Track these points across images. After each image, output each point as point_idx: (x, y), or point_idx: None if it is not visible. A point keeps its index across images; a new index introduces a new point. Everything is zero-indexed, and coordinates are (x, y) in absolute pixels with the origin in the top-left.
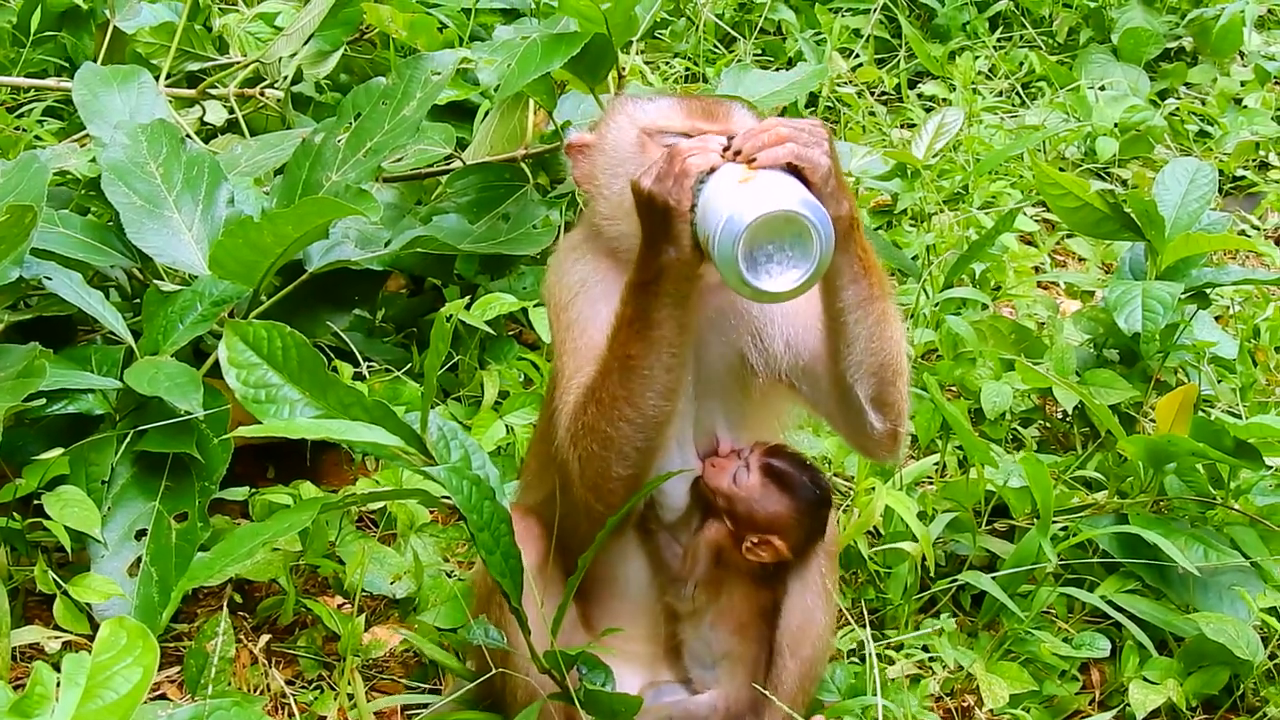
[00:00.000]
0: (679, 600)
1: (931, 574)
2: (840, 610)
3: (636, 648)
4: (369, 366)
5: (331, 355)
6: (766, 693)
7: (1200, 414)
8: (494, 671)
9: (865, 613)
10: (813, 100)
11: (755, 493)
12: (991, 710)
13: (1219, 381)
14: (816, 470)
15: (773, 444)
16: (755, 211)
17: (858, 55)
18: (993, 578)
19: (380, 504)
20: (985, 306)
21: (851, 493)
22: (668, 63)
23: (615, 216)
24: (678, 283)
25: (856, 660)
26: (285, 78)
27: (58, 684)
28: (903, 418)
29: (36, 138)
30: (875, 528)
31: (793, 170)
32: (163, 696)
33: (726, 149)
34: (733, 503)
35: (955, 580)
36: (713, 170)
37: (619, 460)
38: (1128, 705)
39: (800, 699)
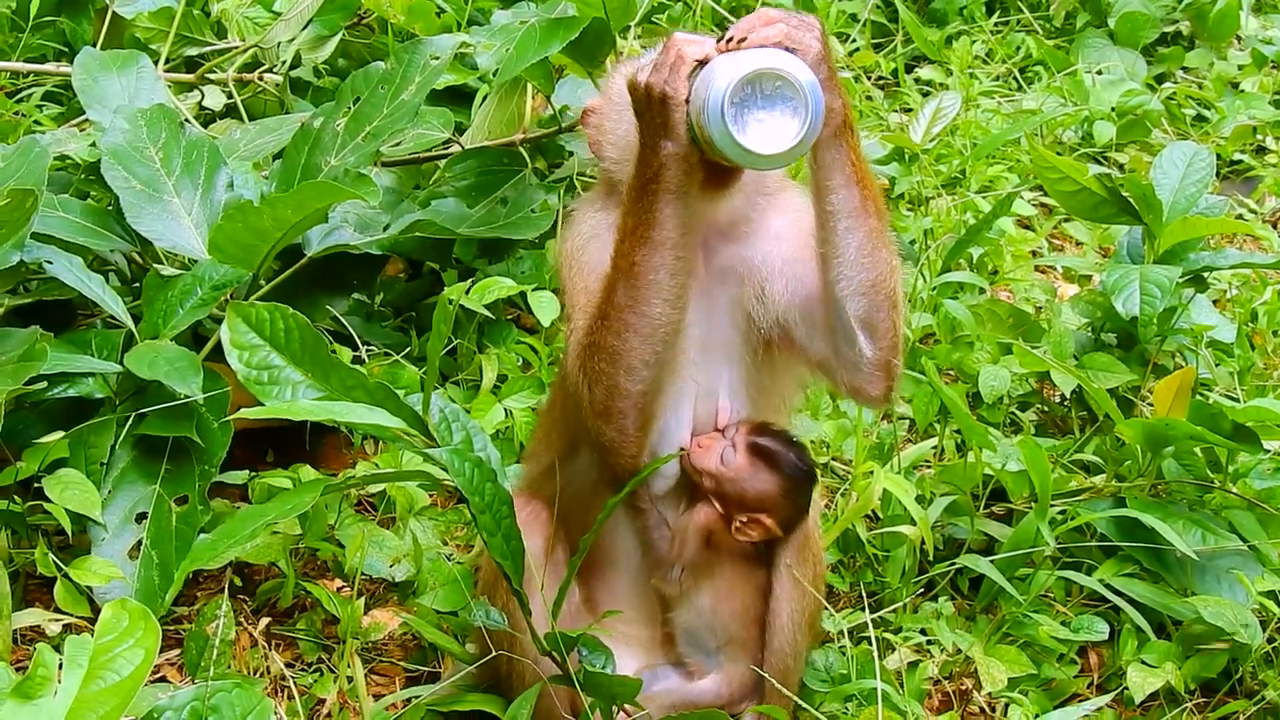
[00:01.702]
0: (665, 583)
1: (930, 558)
2: (839, 593)
3: (632, 630)
4: (368, 350)
5: (330, 339)
6: (768, 676)
7: (1198, 398)
8: (494, 654)
9: (864, 596)
10: None
11: (744, 472)
12: (990, 693)
13: (1217, 365)
14: (802, 446)
15: (757, 422)
16: (742, 69)
17: (854, 40)
18: (991, 561)
19: (379, 487)
20: (983, 290)
21: (850, 476)
22: None
23: (622, 158)
24: (677, 177)
25: (853, 643)
26: (284, 62)
27: (60, 666)
28: (895, 349)
29: (36, 122)
30: (874, 511)
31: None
32: (163, 679)
33: (721, 39)
34: (720, 483)
35: (953, 564)
36: (707, 60)
37: (627, 375)
38: (1126, 688)
39: (791, 680)
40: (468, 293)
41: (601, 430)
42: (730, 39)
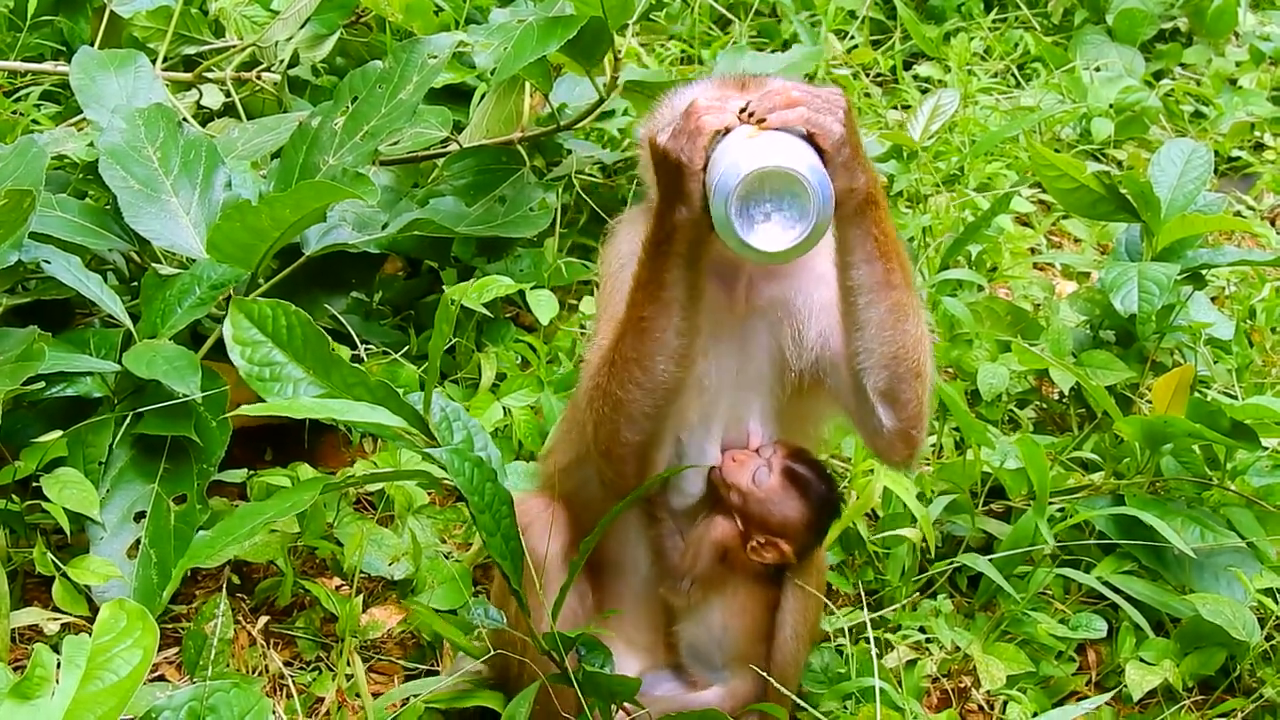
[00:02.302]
0: (674, 594)
1: (930, 556)
2: (838, 592)
3: (636, 636)
4: (366, 349)
5: (329, 338)
6: (772, 681)
7: (1196, 395)
8: (493, 653)
9: (864, 594)
10: (809, 81)
11: (774, 494)
12: (988, 691)
13: (1215, 362)
14: (833, 479)
15: (795, 446)
16: (751, 165)
17: (853, 37)
18: (990, 559)
19: (378, 486)
20: (981, 288)
21: (849, 474)
22: (663, 45)
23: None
24: (689, 243)
25: (851, 642)
26: (281, 61)
27: (58, 666)
28: (918, 420)
29: (34, 122)
30: (873, 509)
31: (808, 136)
32: (161, 678)
33: (744, 110)
34: (747, 501)
35: (953, 563)
36: (727, 130)
37: (628, 425)
38: (1124, 686)
39: (791, 686)
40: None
41: (602, 467)
42: (751, 112)
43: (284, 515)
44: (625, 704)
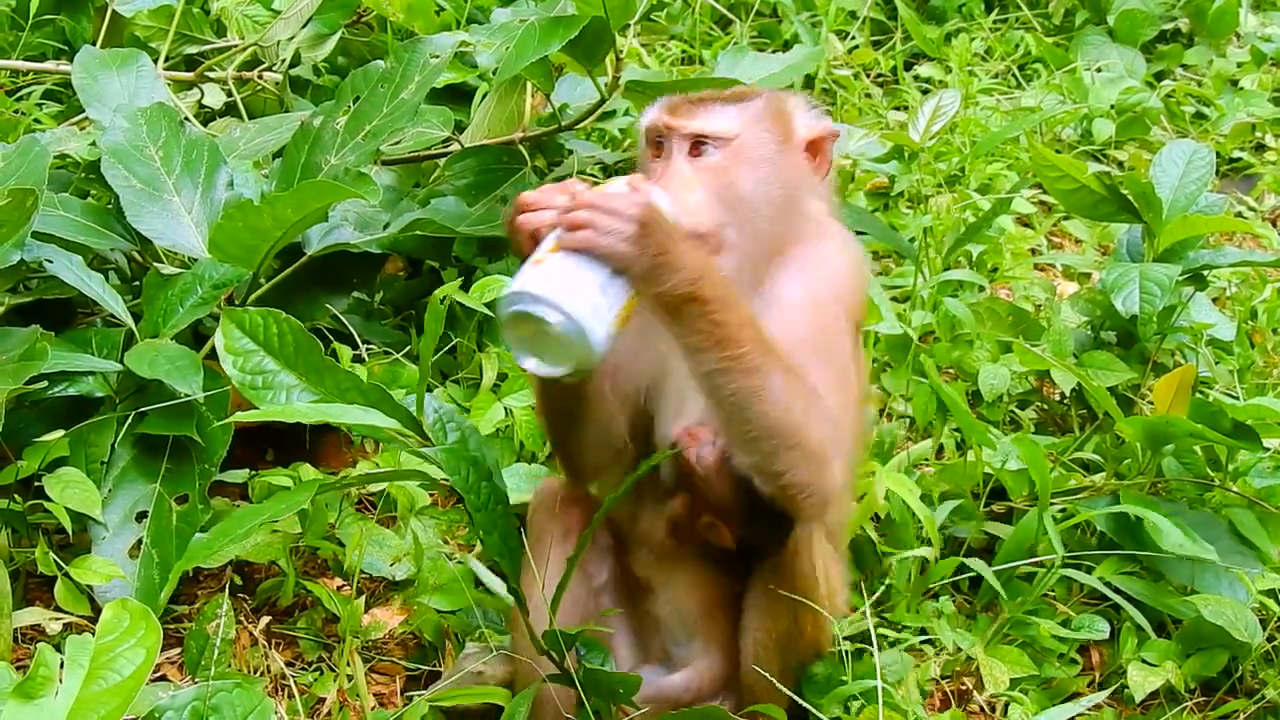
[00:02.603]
0: (637, 565)
1: (935, 559)
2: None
3: (628, 623)
4: (368, 349)
5: (330, 338)
6: (768, 676)
7: (1198, 396)
8: (494, 653)
9: (866, 595)
10: (809, 82)
11: (711, 474)
12: (991, 694)
13: (1216, 363)
14: None
15: None
16: (506, 307)
17: (854, 37)
18: (991, 561)
19: (380, 486)
20: (982, 288)
21: None
22: (664, 45)
23: None
24: None
25: (854, 644)
26: (283, 61)
27: (61, 666)
28: (800, 490)
29: (36, 121)
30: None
31: None
32: (163, 678)
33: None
34: (693, 477)
35: (960, 569)
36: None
37: (551, 443)
38: (1126, 687)
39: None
40: (467, 290)
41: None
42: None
43: (284, 515)
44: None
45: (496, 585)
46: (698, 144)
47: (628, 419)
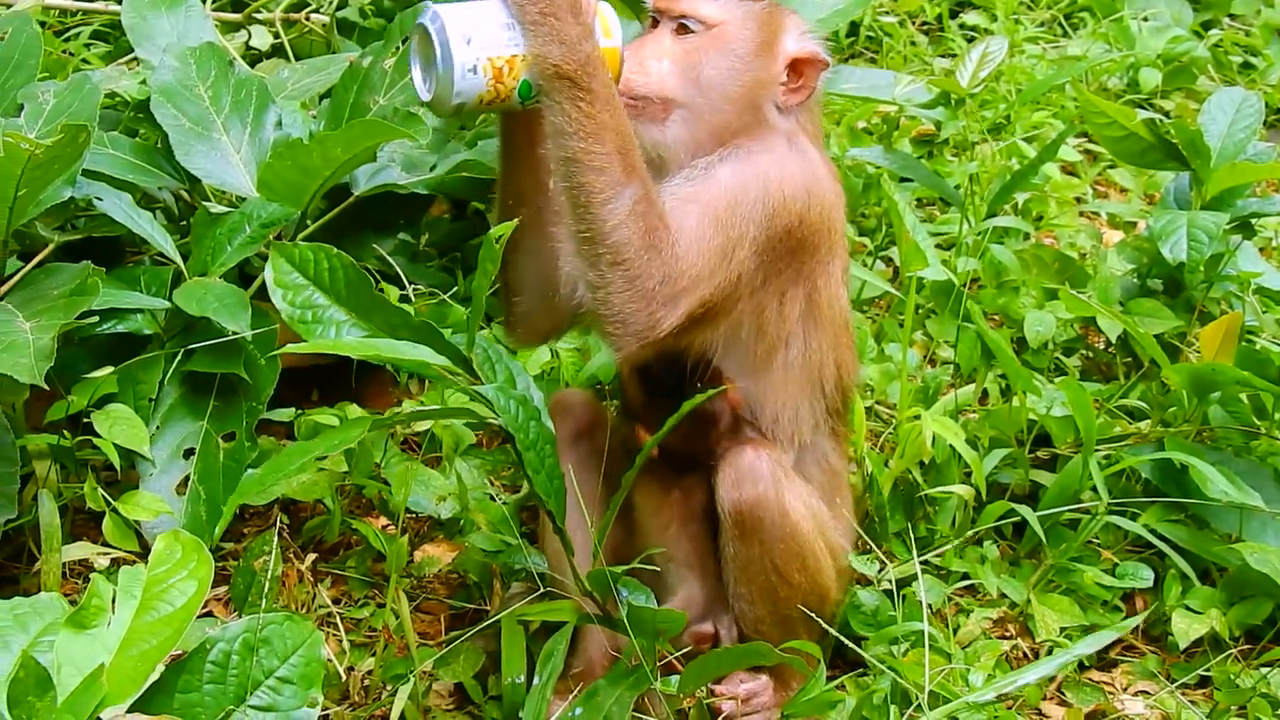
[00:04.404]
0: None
1: (979, 503)
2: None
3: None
4: (414, 290)
5: (377, 278)
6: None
7: (1244, 344)
8: (540, 590)
9: (913, 541)
10: (853, 29)
11: (626, 377)
12: (1037, 640)
13: (1264, 312)
14: (692, 377)
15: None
16: (416, 19)
17: None
18: (1038, 514)
19: (425, 427)
20: (1028, 236)
21: (894, 420)
22: None
23: None
24: None
25: (898, 586)
26: (330, 2)
27: (113, 597)
28: (606, 304)
29: (85, 60)
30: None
31: None
32: (209, 614)
33: None
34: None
35: (1004, 514)
36: None
37: None
38: (1170, 634)
39: (804, 620)
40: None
41: None
42: None
43: (332, 451)
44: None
45: None
46: (683, 23)
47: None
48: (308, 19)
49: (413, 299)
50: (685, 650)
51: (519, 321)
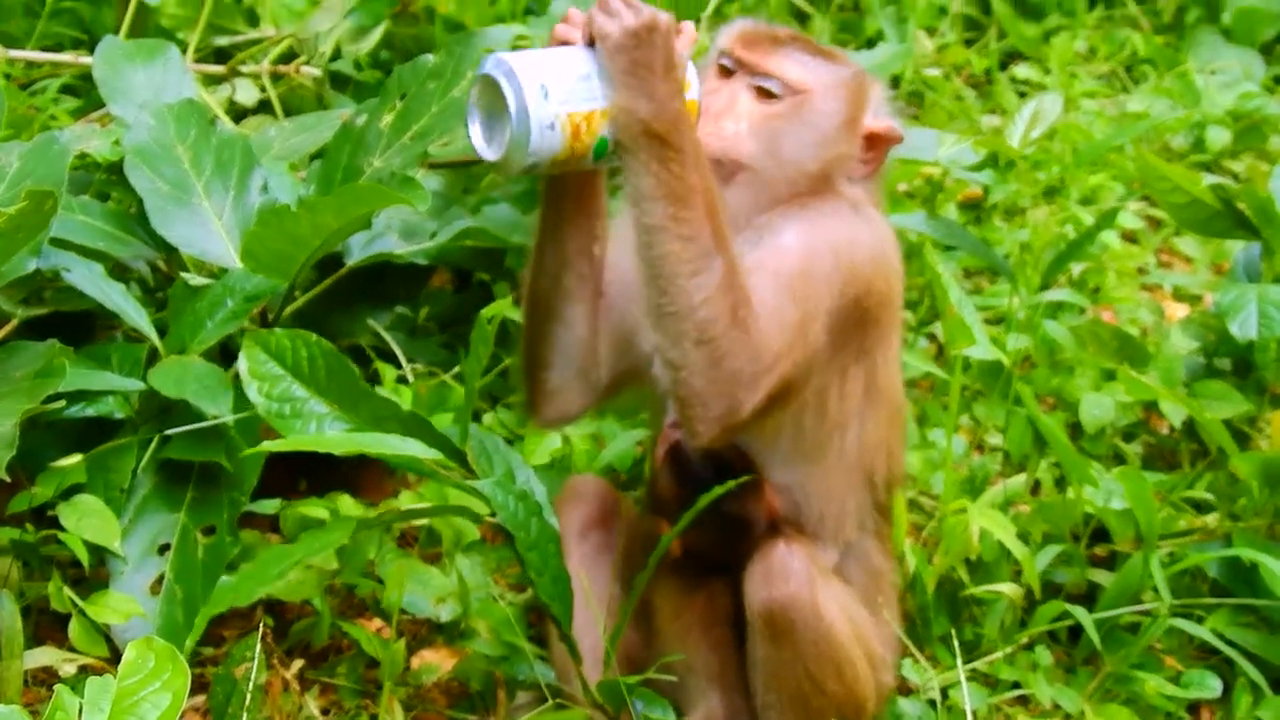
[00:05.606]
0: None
1: (1030, 604)
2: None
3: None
4: (413, 368)
5: (372, 356)
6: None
7: None
8: (549, 701)
9: (958, 646)
10: (895, 83)
11: (659, 467)
12: None
13: None
14: (740, 483)
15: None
16: (478, 70)
17: (944, 34)
18: (1095, 618)
19: (423, 521)
20: (1084, 310)
21: (938, 512)
22: None
23: None
24: None
25: (943, 696)
26: (322, 54)
27: (79, 710)
28: (688, 393)
29: (52, 117)
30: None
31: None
32: None
33: None
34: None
35: (1059, 616)
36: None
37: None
38: None
39: None
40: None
41: None
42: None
43: (317, 555)
44: None
45: None
46: (764, 86)
47: (611, 365)
48: (298, 72)
49: (411, 379)
50: None
51: (546, 399)
